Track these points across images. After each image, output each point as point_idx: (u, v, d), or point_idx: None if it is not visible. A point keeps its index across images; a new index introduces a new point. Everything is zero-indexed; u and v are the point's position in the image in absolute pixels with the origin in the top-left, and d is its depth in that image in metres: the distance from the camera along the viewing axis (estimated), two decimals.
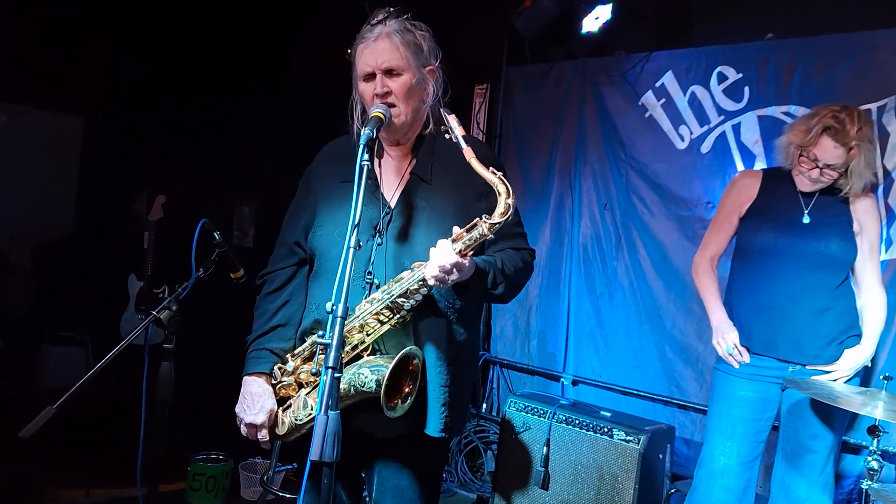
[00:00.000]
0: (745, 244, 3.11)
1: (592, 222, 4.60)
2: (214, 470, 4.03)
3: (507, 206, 1.90)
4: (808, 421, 2.93)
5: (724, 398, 3.08)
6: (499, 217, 1.90)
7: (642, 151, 4.37)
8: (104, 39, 5.41)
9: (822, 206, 2.96)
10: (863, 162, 2.82)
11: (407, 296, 1.95)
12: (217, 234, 2.61)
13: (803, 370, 2.94)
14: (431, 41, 2.16)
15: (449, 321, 2.07)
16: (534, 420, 3.84)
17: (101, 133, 5.83)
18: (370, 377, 1.93)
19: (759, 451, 3.05)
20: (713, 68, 4.08)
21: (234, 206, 6.40)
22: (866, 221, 2.96)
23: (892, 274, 3.48)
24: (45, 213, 5.83)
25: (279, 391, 2.15)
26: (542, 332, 4.79)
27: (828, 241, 2.91)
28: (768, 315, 2.97)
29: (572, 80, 4.72)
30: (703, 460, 3.12)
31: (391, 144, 2.20)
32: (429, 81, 2.13)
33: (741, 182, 3.19)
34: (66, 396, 2.23)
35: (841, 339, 2.92)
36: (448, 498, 4.47)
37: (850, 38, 3.65)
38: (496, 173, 1.92)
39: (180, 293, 2.51)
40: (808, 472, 2.93)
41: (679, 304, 4.13)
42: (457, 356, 2.09)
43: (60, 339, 5.44)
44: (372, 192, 2.13)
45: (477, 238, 1.90)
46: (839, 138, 2.79)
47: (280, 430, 2.14)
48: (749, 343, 3.01)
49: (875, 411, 2.54)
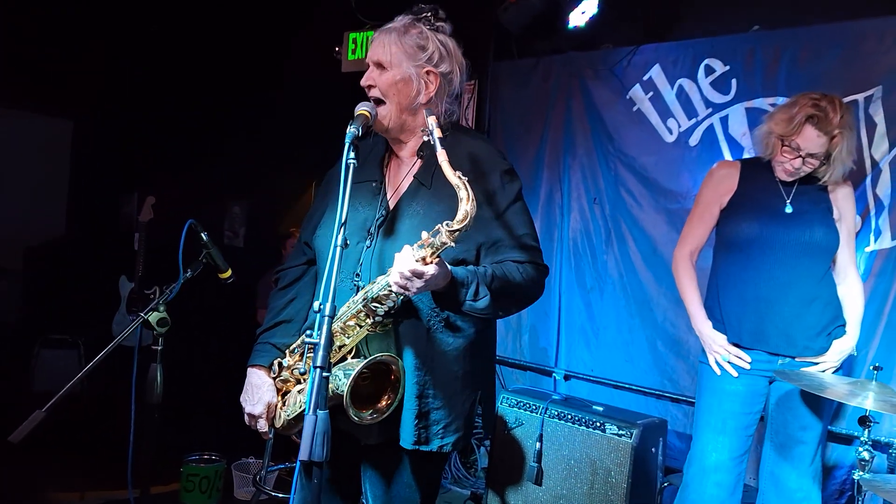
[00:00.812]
0: (728, 236, 3.06)
1: (582, 216, 4.60)
2: (207, 470, 4.03)
3: (466, 212, 1.79)
4: (797, 412, 2.93)
5: (713, 393, 3.05)
6: (457, 224, 1.79)
7: (630, 145, 4.38)
8: (93, 42, 5.39)
9: (803, 195, 2.95)
10: (844, 150, 2.81)
11: (378, 301, 1.91)
12: (204, 235, 2.60)
13: (792, 362, 2.93)
14: (443, 47, 2.09)
15: (430, 329, 2.00)
16: (526, 415, 3.84)
17: (92, 136, 5.83)
18: (343, 380, 1.90)
19: (748, 444, 3.03)
20: (700, 61, 4.08)
21: (225, 206, 6.40)
22: (845, 208, 2.96)
23: (881, 263, 3.49)
24: (36, 216, 5.81)
25: (279, 385, 2.17)
26: (534, 327, 4.80)
27: (811, 229, 2.89)
28: (756, 307, 2.94)
29: (559, 75, 4.72)
30: (693, 457, 3.09)
31: (397, 145, 2.17)
32: (424, 83, 2.07)
33: (719, 173, 3.13)
34: (55, 399, 2.23)
35: (829, 329, 2.92)
36: (442, 495, 4.47)
37: (836, 29, 3.65)
38: (462, 178, 1.82)
39: (168, 294, 2.51)
40: (798, 463, 2.93)
41: (670, 296, 4.14)
42: (439, 366, 2.01)
43: (53, 341, 5.44)
44: (375, 194, 2.12)
45: (438, 246, 1.80)
46: (822, 127, 2.77)
47: (277, 423, 2.17)
48: (738, 337, 2.98)
49: (865, 402, 2.54)
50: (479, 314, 1.98)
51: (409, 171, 2.13)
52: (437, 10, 2.12)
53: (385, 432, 2.02)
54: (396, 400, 1.97)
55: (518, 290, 2.03)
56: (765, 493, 3.04)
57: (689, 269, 3.16)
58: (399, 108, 2.07)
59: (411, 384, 1.99)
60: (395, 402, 1.97)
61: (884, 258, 3.50)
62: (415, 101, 2.07)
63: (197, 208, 2.94)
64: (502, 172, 2.08)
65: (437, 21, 2.11)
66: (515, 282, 2.01)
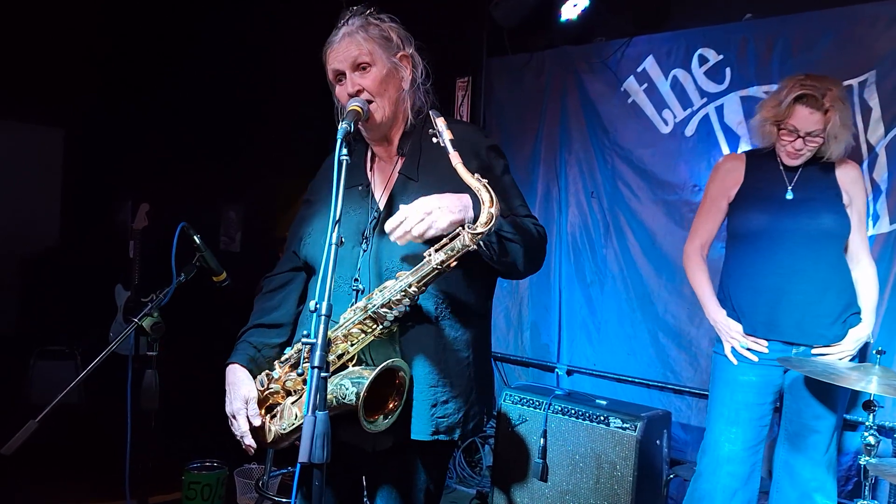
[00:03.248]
0: (736, 229, 3.07)
1: (580, 210, 4.58)
2: (209, 478, 3.99)
3: (490, 215, 1.79)
4: (809, 401, 2.91)
5: (726, 383, 3.04)
6: (482, 227, 1.79)
7: (626, 137, 4.35)
8: (83, 49, 5.36)
9: (809, 181, 2.94)
10: (839, 123, 2.81)
11: (390, 306, 1.90)
12: (197, 238, 2.57)
13: (808, 351, 2.91)
14: (400, 29, 2.13)
15: (438, 325, 2.00)
16: (530, 412, 3.82)
17: (84, 144, 5.78)
18: (350, 389, 1.87)
19: (763, 434, 3.01)
20: (694, 51, 4.06)
21: (221, 211, 6.37)
22: (854, 192, 2.94)
23: (880, 248, 3.46)
24: (30, 226, 5.78)
25: (267, 398, 2.10)
26: (535, 324, 4.77)
27: (819, 215, 2.89)
28: (767, 298, 2.93)
29: (553, 69, 4.70)
30: (706, 447, 3.09)
31: (379, 144, 2.17)
32: (403, 68, 2.10)
33: (725, 166, 3.16)
34: (48, 409, 2.20)
35: (844, 317, 2.90)
36: (447, 494, 4.45)
37: (828, 15, 3.63)
38: (481, 180, 1.81)
39: (162, 299, 2.48)
40: (811, 453, 2.91)
41: (670, 288, 4.12)
42: (450, 355, 2.02)
43: (49, 353, 5.39)
44: (363, 197, 2.11)
45: (459, 248, 1.82)
46: (812, 103, 2.80)
47: (268, 437, 2.09)
48: (752, 328, 2.97)
49: (870, 386, 2.53)
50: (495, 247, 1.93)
51: (395, 170, 2.13)
52: (371, 5, 2.12)
53: (392, 437, 2.00)
54: (402, 402, 1.95)
55: (530, 238, 2.03)
56: (779, 482, 3.03)
57: (699, 261, 3.17)
58: (390, 101, 2.08)
59: (422, 376, 1.98)
60: (402, 404, 1.95)
61: (882, 242, 3.48)
62: (402, 90, 2.10)
63: (192, 214, 2.91)
64: (488, 148, 2.10)
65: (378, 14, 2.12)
66: (528, 228, 2.02)
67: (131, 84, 5.47)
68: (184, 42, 5.40)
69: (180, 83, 5.47)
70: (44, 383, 5.28)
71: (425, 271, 1.87)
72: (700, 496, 3.07)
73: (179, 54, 5.44)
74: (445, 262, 1.83)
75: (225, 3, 5.33)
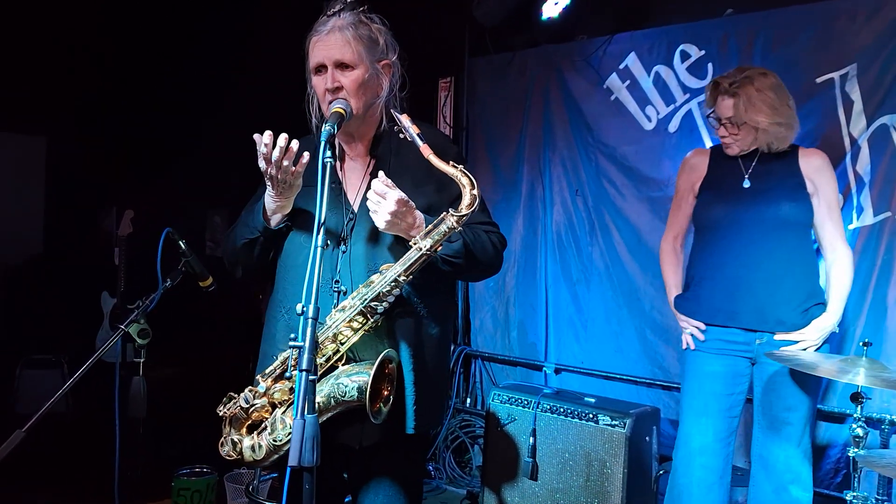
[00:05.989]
0: (699, 220, 3.16)
1: (565, 209, 4.58)
2: (199, 484, 3.96)
3: (473, 196, 1.90)
4: (780, 393, 2.93)
5: (695, 376, 3.10)
6: (466, 209, 1.89)
7: (610, 135, 4.36)
8: (64, 56, 5.32)
9: (767, 172, 3.00)
10: (749, 107, 2.89)
11: (380, 299, 1.94)
12: (182, 243, 2.56)
13: (771, 340, 2.94)
14: (388, 35, 2.13)
15: (420, 319, 2.06)
16: (518, 411, 3.82)
17: (66, 151, 5.75)
18: (351, 385, 1.91)
19: (734, 426, 3.05)
20: (675, 47, 4.08)
21: (206, 217, 6.35)
22: (819, 180, 2.97)
23: (864, 240, 3.49)
24: (13, 235, 5.74)
25: (252, 415, 2.06)
26: (522, 323, 4.77)
27: (777, 203, 2.93)
28: (726, 285, 2.99)
29: (536, 68, 4.71)
30: (679, 441, 3.13)
31: (348, 143, 2.17)
32: (383, 76, 2.11)
33: (691, 161, 3.25)
34: (35, 419, 2.18)
35: (805, 305, 2.92)
36: (437, 495, 4.44)
37: (808, 10, 3.65)
38: (457, 166, 1.90)
39: (148, 305, 2.46)
40: (785, 444, 2.93)
41: (657, 285, 4.12)
42: (429, 352, 2.09)
43: (35, 362, 5.35)
44: (336, 197, 2.11)
45: (446, 231, 1.90)
46: (723, 90, 2.95)
47: (258, 454, 2.04)
48: (713, 316, 3.03)
49: (857, 378, 2.54)
50: (452, 258, 2.00)
51: (366, 171, 2.15)
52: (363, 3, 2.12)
53: (379, 431, 2.03)
54: (394, 389, 2.00)
55: (485, 250, 2.09)
56: (755, 475, 3.05)
57: (669, 253, 3.32)
58: (364, 104, 2.08)
59: (408, 372, 2.04)
60: (393, 390, 2.00)
61: (866, 235, 3.50)
62: (378, 97, 2.11)
63: (177, 220, 2.90)
64: (455, 155, 2.11)
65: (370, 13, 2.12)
66: (483, 240, 2.09)
67: (113, 91, 5.44)
68: (166, 49, 5.38)
69: (163, 89, 5.45)
70: (30, 392, 5.25)
71: (413, 258, 1.93)
72: (679, 492, 3.09)
73: (162, 61, 5.42)
74: (433, 246, 1.91)
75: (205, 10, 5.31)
